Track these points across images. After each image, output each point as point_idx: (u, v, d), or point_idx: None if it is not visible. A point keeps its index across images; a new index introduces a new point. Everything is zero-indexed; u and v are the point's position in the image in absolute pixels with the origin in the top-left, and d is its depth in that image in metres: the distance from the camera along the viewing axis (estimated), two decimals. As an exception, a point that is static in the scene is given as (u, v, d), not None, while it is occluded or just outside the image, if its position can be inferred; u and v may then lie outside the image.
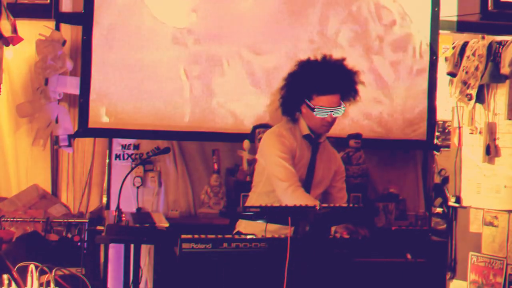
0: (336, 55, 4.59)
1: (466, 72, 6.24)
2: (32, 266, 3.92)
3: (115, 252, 6.05)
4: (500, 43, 6.16)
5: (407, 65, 6.44)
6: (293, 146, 4.46)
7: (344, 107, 4.46)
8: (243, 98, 6.22)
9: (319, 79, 4.40)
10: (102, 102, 6.05)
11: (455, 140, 6.47)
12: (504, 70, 6.01)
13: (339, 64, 4.50)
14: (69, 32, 6.29)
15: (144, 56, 6.11)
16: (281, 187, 4.35)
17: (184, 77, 6.15)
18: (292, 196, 4.26)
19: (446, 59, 6.60)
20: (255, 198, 4.55)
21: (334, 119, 4.46)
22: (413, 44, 6.45)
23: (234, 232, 4.56)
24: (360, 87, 4.52)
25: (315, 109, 4.40)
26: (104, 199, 6.26)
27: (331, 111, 4.41)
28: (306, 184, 4.50)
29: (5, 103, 6.27)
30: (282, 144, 4.44)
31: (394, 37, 6.44)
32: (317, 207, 3.96)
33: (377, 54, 6.36)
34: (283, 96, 4.52)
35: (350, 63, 4.56)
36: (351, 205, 4.44)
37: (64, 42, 6.18)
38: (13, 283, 3.85)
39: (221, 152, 6.26)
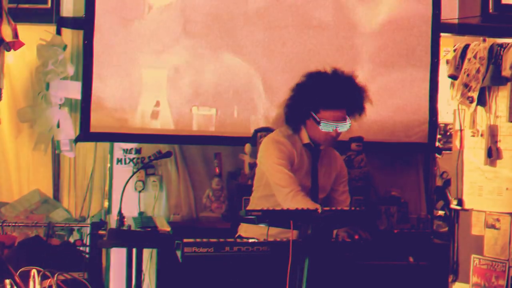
0: None
1: (468, 75, 6.24)
2: (34, 271, 3.92)
3: (117, 256, 6.04)
4: (501, 45, 6.16)
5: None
6: (291, 152, 4.44)
7: (349, 122, 4.43)
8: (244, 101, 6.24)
9: (328, 93, 4.36)
10: (104, 106, 6.04)
11: (456, 142, 6.47)
12: (506, 72, 6.01)
13: (349, 79, 4.44)
14: (70, 36, 6.29)
15: (145, 59, 6.11)
16: (282, 193, 4.33)
17: (187, 80, 6.16)
18: (293, 201, 4.24)
19: (447, 61, 6.60)
20: (255, 202, 4.54)
21: (338, 134, 4.43)
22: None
23: (236, 236, 4.55)
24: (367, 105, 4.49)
25: (321, 123, 4.36)
26: (106, 204, 6.26)
27: (336, 126, 4.38)
28: (313, 191, 4.49)
29: (6, 108, 6.27)
30: (280, 150, 4.41)
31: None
32: (319, 211, 3.95)
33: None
34: (288, 105, 4.48)
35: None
36: (353, 208, 4.44)
37: (65, 47, 6.18)
38: (15, 288, 3.85)
39: (223, 156, 6.25)
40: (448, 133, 7.02)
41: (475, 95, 6.22)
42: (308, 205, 4.13)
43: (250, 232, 4.39)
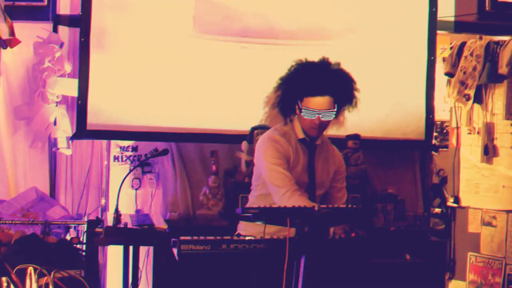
0: None
1: (464, 73, 6.23)
2: (31, 269, 3.92)
3: (114, 254, 6.04)
4: (497, 43, 6.15)
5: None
6: (287, 151, 4.42)
7: (335, 111, 4.39)
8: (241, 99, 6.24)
9: (309, 80, 4.35)
10: (100, 104, 6.04)
11: (453, 140, 6.46)
12: (502, 70, 6.00)
13: (328, 65, 4.43)
14: (66, 34, 6.29)
15: (143, 58, 6.11)
16: (278, 193, 4.33)
17: (184, 78, 6.16)
18: (289, 201, 4.22)
19: (443, 59, 6.59)
20: (254, 201, 4.54)
21: (323, 123, 4.38)
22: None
23: (235, 234, 4.55)
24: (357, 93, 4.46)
25: (302, 110, 4.36)
26: (103, 201, 6.26)
27: (318, 114, 4.34)
28: (310, 188, 4.48)
29: (3, 106, 6.27)
30: (276, 150, 4.40)
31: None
32: (316, 208, 3.95)
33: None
34: (278, 96, 4.49)
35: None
36: (349, 206, 4.43)
37: (61, 44, 6.18)
38: (12, 286, 3.85)
39: (220, 154, 6.26)
40: (445, 131, 7.01)
41: (471, 92, 6.21)
42: (305, 204, 4.12)
43: (248, 230, 4.38)
